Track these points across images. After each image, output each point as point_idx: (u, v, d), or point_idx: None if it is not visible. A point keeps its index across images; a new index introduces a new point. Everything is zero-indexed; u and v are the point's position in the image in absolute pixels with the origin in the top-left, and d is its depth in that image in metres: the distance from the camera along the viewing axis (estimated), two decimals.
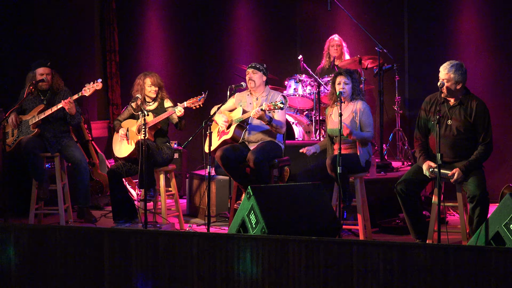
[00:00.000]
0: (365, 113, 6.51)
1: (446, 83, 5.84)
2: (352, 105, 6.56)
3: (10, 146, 7.12)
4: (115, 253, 4.86)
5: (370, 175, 7.01)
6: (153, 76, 7.14)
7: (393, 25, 9.28)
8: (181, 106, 6.85)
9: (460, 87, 5.87)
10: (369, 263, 4.31)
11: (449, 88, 5.85)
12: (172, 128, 7.18)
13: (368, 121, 6.51)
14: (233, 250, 4.59)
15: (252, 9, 9.95)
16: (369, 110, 6.57)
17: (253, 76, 6.92)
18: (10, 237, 5.06)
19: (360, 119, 6.49)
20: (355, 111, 6.52)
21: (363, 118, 6.50)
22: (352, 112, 6.52)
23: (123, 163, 7.03)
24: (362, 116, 6.50)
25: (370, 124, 6.52)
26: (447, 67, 5.85)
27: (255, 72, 6.92)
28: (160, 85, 7.15)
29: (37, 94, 7.24)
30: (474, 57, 8.61)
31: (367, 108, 6.56)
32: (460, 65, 5.86)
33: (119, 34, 10.07)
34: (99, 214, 7.86)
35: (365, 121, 6.50)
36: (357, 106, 6.53)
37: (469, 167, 5.81)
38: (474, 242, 5.24)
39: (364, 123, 6.50)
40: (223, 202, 7.55)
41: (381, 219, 7.09)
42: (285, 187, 6.04)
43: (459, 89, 5.88)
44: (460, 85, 5.86)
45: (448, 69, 5.84)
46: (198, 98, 6.84)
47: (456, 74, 5.82)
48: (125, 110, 7.27)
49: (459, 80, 5.84)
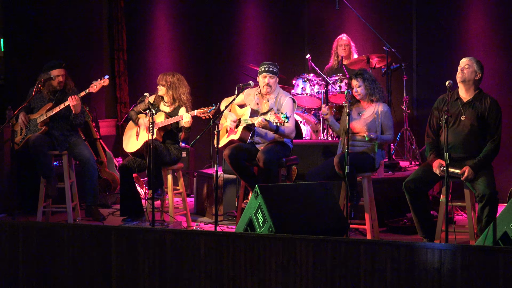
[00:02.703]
0: (386, 116, 6.54)
1: (468, 68, 5.99)
2: (373, 106, 6.57)
3: (18, 145, 7.13)
4: (122, 251, 4.87)
5: (377, 175, 6.98)
6: (161, 75, 7.13)
7: (401, 25, 9.26)
8: (191, 114, 6.85)
9: (478, 78, 6.00)
10: (376, 262, 4.31)
11: (468, 74, 5.98)
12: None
13: (389, 124, 6.54)
14: (240, 249, 4.59)
15: (260, 8, 9.94)
16: (390, 113, 6.60)
17: (270, 81, 6.80)
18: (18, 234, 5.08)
19: (382, 122, 6.51)
20: (377, 112, 6.53)
21: (385, 121, 6.52)
22: (373, 114, 6.53)
23: (134, 158, 7.05)
24: (384, 119, 6.52)
25: (391, 127, 6.55)
26: (467, 58, 6.07)
27: (272, 77, 6.81)
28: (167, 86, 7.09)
29: (46, 93, 7.25)
30: (483, 56, 8.55)
31: (389, 111, 6.60)
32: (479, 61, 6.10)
33: (127, 32, 10.08)
34: (107, 212, 7.87)
35: (387, 124, 6.52)
36: (379, 108, 6.55)
37: (479, 165, 5.83)
38: (482, 242, 5.23)
39: (385, 126, 6.52)
40: (231, 201, 7.55)
41: (388, 219, 7.08)
42: (293, 186, 6.04)
43: (476, 80, 6.00)
44: (479, 75, 6.00)
45: (468, 59, 6.05)
46: (209, 109, 6.81)
47: (477, 64, 6.01)
48: (141, 103, 7.25)
49: (478, 71, 6.00)
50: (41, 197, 7.16)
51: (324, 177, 6.19)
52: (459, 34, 8.82)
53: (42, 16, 8.95)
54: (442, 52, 8.83)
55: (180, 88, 7.12)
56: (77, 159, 7.32)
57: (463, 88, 6.02)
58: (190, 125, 6.93)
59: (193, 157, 9.25)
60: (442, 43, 8.93)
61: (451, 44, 8.84)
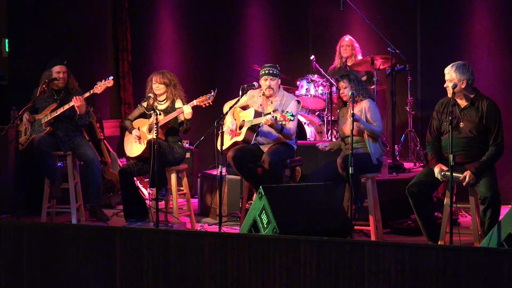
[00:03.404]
0: (370, 110, 6.52)
1: (450, 83, 5.89)
2: (359, 105, 6.57)
3: (22, 145, 7.15)
4: (126, 252, 4.87)
5: (382, 176, 6.99)
6: (160, 74, 7.09)
7: (405, 26, 9.26)
8: (190, 105, 6.83)
9: (465, 86, 5.90)
10: (380, 264, 4.30)
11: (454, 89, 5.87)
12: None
13: (374, 116, 6.51)
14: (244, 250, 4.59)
15: (264, 9, 9.95)
16: (374, 106, 6.58)
17: (272, 83, 6.81)
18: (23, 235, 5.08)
19: (366, 117, 6.50)
20: (361, 110, 6.53)
21: (368, 115, 6.51)
22: (360, 112, 6.53)
23: (135, 162, 7.04)
24: (367, 113, 6.51)
25: (377, 119, 6.52)
26: (449, 68, 5.95)
27: (273, 79, 6.82)
28: (167, 83, 7.07)
29: (51, 93, 7.27)
30: (487, 57, 8.58)
31: (372, 104, 6.57)
32: (463, 64, 5.93)
33: (131, 33, 10.10)
34: (111, 212, 7.88)
35: (371, 117, 6.51)
36: (363, 105, 6.55)
37: (480, 169, 5.80)
38: (486, 243, 5.22)
39: (371, 119, 6.50)
40: (235, 202, 7.55)
41: (392, 220, 7.08)
42: (297, 187, 6.04)
43: (464, 88, 5.90)
44: (464, 83, 5.89)
45: (449, 69, 5.94)
46: (208, 96, 6.81)
47: (457, 73, 5.88)
48: (136, 109, 7.28)
49: (462, 78, 5.88)
50: (45, 198, 7.18)
51: (327, 178, 6.19)
52: (463, 35, 8.82)
53: (47, 17, 8.96)
54: (447, 53, 8.82)
55: (177, 84, 7.14)
56: (81, 159, 7.33)
57: (458, 97, 5.99)
58: (191, 116, 6.91)
59: (197, 158, 9.26)
60: (446, 44, 8.93)
61: (455, 45, 8.84)
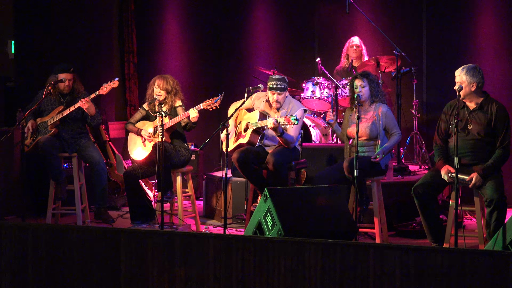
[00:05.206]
0: (388, 116, 6.49)
1: (461, 84, 5.88)
2: (373, 108, 6.53)
3: (28, 147, 7.16)
4: (131, 254, 4.88)
5: (387, 179, 6.98)
6: (163, 79, 7.02)
7: (411, 28, 9.25)
8: (197, 109, 6.80)
9: (475, 88, 5.89)
10: (385, 266, 4.30)
11: (463, 92, 5.88)
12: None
13: (393, 122, 6.51)
14: (249, 252, 4.59)
15: (270, 11, 9.95)
16: (391, 112, 6.56)
17: (279, 98, 6.74)
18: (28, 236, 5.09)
19: (385, 123, 6.47)
20: (377, 115, 6.49)
21: (387, 121, 6.48)
22: (373, 116, 6.49)
23: (140, 165, 7.03)
24: (385, 119, 6.47)
25: (396, 125, 6.52)
26: (459, 70, 5.93)
27: (281, 93, 6.74)
28: (169, 90, 7.00)
29: (57, 96, 7.27)
30: (493, 60, 8.56)
31: (389, 110, 6.54)
32: (474, 67, 5.91)
33: (137, 35, 10.10)
34: (116, 214, 7.89)
35: (390, 123, 6.49)
36: (379, 110, 6.50)
37: (487, 171, 5.80)
38: (492, 246, 5.21)
39: (389, 126, 6.48)
40: (240, 204, 7.55)
41: (397, 223, 7.07)
42: (302, 190, 6.04)
43: (474, 91, 5.89)
44: (474, 86, 5.88)
45: (459, 71, 5.92)
46: (215, 99, 6.77)
47: (468, 76, 5.87)
48: (137, 112, 7.26)
49: (472, 81, 5.87)
50: (50, 199, 7.19)
51: (332, 181, 6.18)
52: (469, 37, 8.81)
53: (53, 19, 8.97)
54: (452, 56, 8.82)
55: (179, 92, 7.10)
56: (86, 161, 7.33)
57: (467, 100, 5.99)
58: (197, 120, 6.90)
59: (202, 160, 9.26)
60: (452, 47, 8.92)
61: (461, 48, 8.83)
